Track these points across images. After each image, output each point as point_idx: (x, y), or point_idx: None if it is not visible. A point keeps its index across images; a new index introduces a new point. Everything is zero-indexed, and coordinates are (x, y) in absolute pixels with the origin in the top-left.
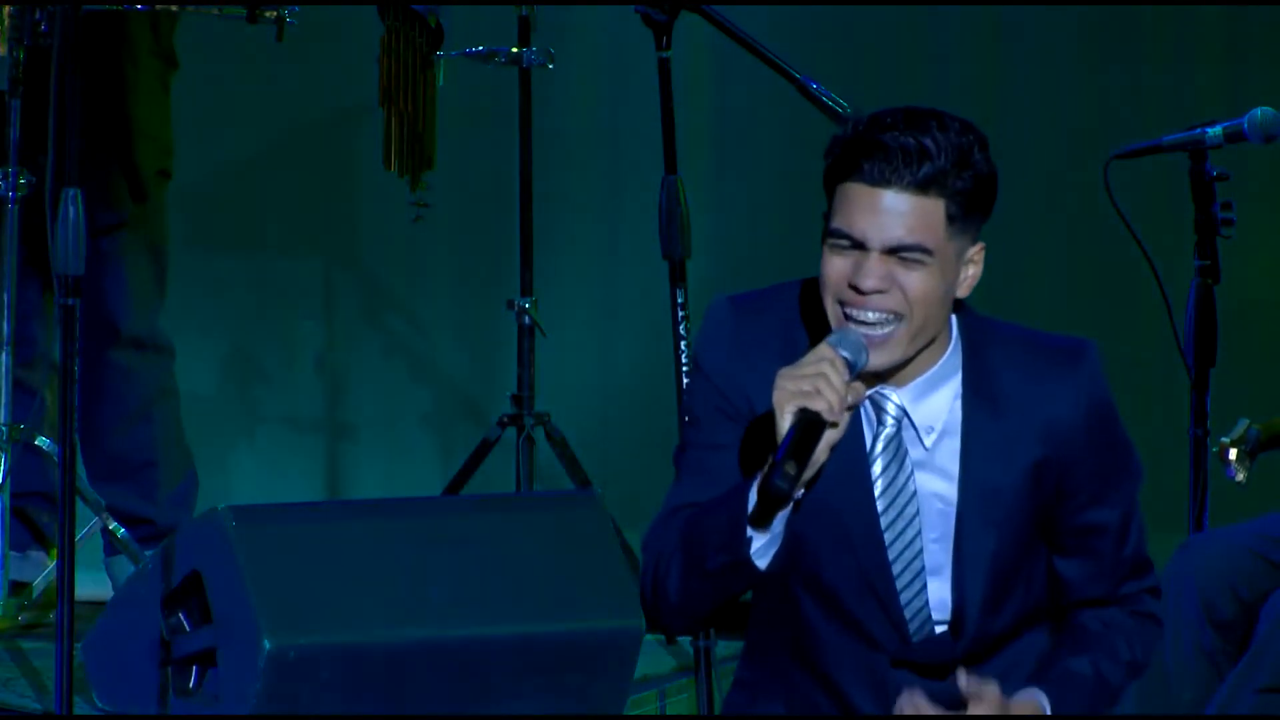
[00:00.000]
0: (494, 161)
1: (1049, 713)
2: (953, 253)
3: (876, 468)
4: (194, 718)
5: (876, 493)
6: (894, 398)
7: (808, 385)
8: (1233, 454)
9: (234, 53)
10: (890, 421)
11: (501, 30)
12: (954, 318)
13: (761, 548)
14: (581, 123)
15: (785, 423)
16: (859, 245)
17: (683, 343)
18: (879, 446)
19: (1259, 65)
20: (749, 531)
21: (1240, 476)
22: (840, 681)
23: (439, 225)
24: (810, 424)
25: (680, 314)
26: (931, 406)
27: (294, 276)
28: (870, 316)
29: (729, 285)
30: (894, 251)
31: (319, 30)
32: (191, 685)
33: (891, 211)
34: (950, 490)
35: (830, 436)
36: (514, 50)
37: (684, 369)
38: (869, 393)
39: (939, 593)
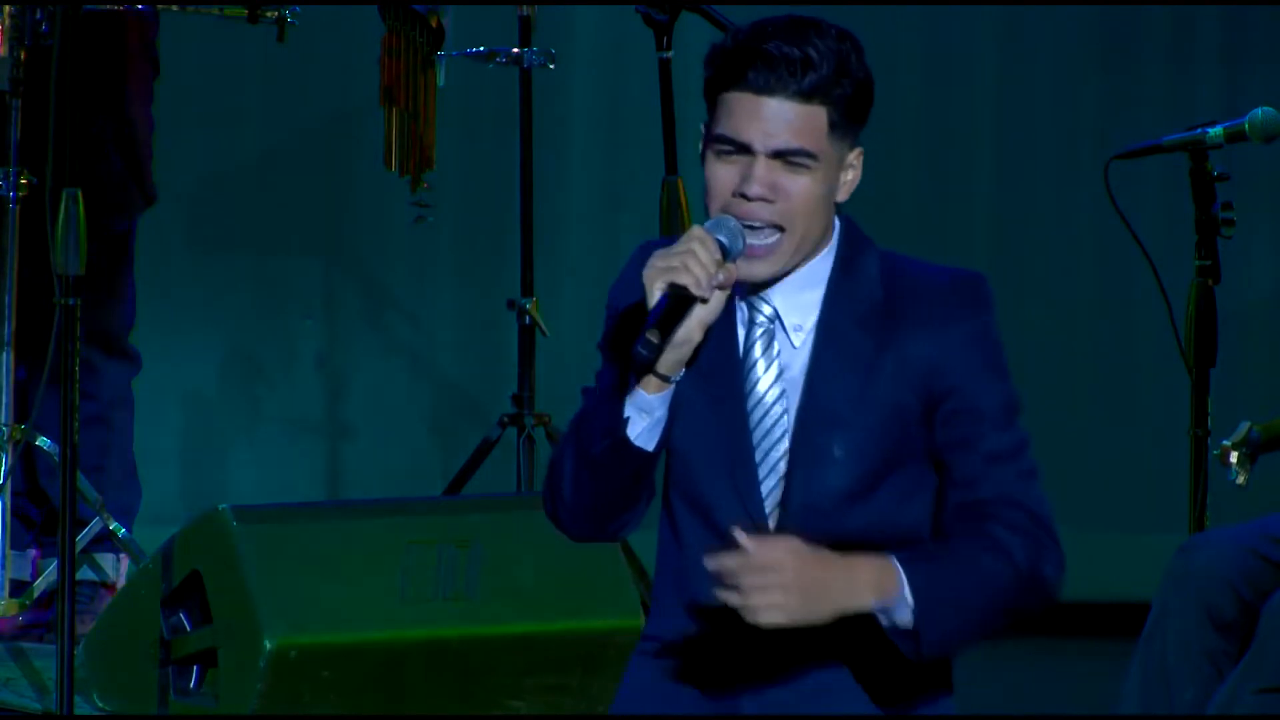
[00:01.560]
0: (495, 161)
1: (900, 572)
2: (834, 157)
3: (751, 372)
4: (194, 718)
5: (749, 392)
6: (767, 296)
7: (675, 261)
8: (1233, 456)
9: (235, 53)
10: (763, 321)
11: (502, 30)
12: (839, 228)
13: (644, 431)
14: (582, 123)
15: (654, 298)
16: (744, 149)
17: None
18: (754, 350)
19: (1259, 65)
20: (627, 411)
21: (1241, 479)
22: (699, 596)
23: (440, 225)
24: (676, 298)
25: None
26: (799, 304)
27: (294, 276)
28: (755, 224)
29: None
30: (779, 155)
31: (320, 30)
32: (192, 685)
33: (777, 118)
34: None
35: (702, 315)
36: (515, 50)
37: None
38: (745, 300)
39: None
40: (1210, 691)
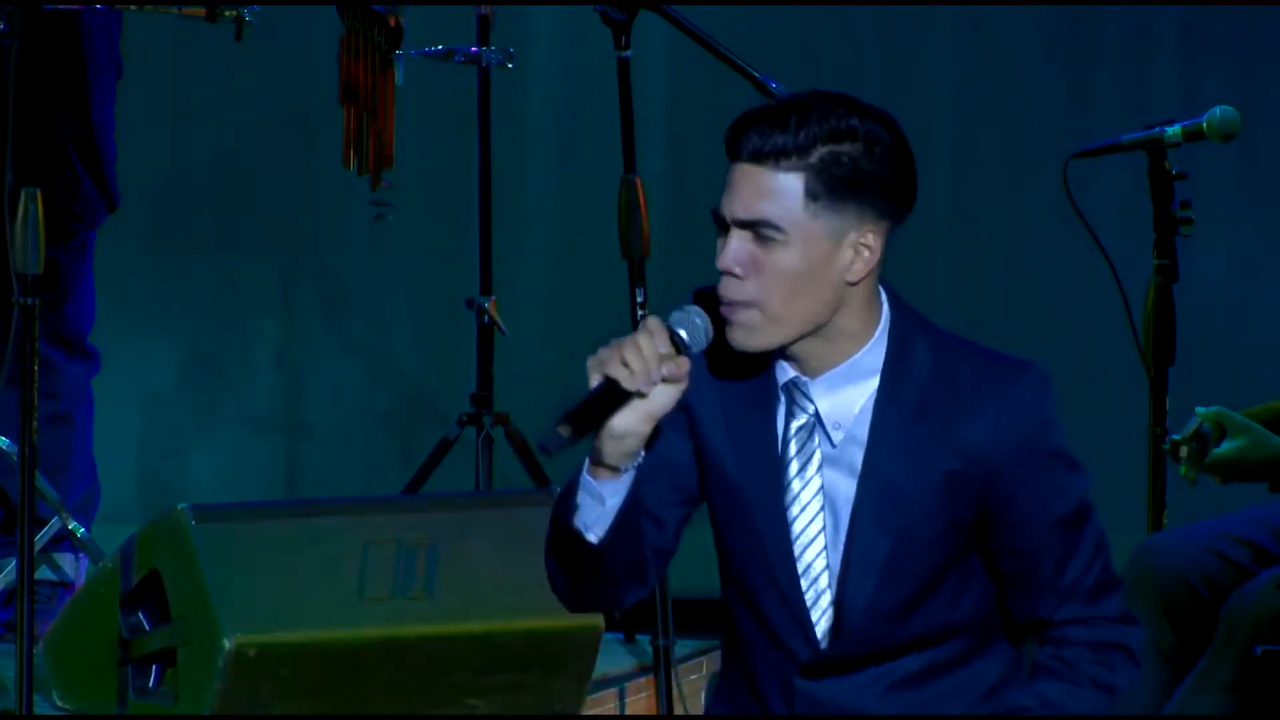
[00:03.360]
0: (453, 160)
1: None
2: (819, 233)
3: (788, 469)
4: (157, 717)
5: (785, 488)
6: (807, 389)
7: (614, 353)
8: (1183, 451)
9: (193, 52)
10: (801, 414)
11: (461, 29)
12: (887, 313)
13: (594, 519)
14: (541, 122)
15: (591, 385)
16: (723, 223)
17: None
18: (791, 446)
19: (1217, 63)
20: (580, 496)
21: (1187, 473)
22: (761, 688)
23: (398, 224)
24: (606, 391)
25: (640, 313)
26: (841, 401)
27: (253, 275)
28: (730, 298)
29: (688, 284)
30: (744, 226)
31: (278, 29)
32: (151, 684)
33: (744, 185)
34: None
35: (647, 407)
36: (473, 49)
37: None
38: (786, 380)
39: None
40: (1169, 691)
